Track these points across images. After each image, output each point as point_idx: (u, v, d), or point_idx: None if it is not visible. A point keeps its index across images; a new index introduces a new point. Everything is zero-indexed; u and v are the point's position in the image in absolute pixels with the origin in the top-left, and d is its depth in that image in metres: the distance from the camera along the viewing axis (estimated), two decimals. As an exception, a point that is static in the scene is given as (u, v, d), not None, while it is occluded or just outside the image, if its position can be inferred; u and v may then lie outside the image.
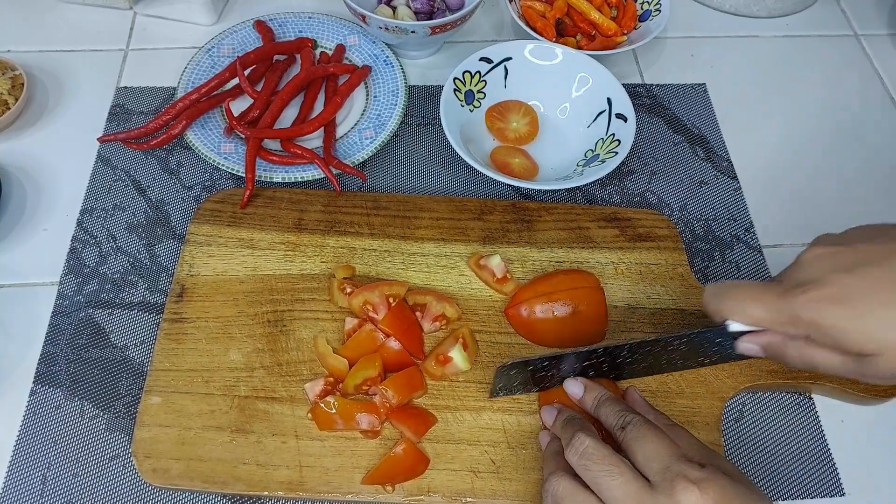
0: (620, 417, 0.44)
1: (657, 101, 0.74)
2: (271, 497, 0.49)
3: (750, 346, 0.44)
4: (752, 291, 0.42)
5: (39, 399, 0.54)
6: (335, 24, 0.76)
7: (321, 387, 0.52)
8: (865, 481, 0.53)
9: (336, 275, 0.57)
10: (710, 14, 0.84)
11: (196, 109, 0.66)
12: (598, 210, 0.64)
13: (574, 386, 0.50)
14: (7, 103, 0.67)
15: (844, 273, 0.39)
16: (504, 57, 0.70)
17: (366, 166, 0.68)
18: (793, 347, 0.42)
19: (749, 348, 0.44)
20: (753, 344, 0.44)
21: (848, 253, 0.40)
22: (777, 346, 0.43)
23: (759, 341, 0.44)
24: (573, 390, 0.50)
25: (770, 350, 0.43)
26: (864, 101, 0.76)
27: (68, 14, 0.79)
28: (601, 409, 0.47)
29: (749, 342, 0.44)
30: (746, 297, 0.42)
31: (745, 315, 0.43)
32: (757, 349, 0.44)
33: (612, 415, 0.45)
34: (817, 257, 0.41)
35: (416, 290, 0.57)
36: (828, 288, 0.39)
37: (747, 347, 0.44)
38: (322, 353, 0.54)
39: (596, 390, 0.49)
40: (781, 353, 0.43)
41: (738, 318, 0.43)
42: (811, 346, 0.41)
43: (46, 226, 0.63)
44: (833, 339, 0.39)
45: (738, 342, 0.45)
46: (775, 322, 0.41)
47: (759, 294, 0.42)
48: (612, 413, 0.45)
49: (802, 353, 0.41)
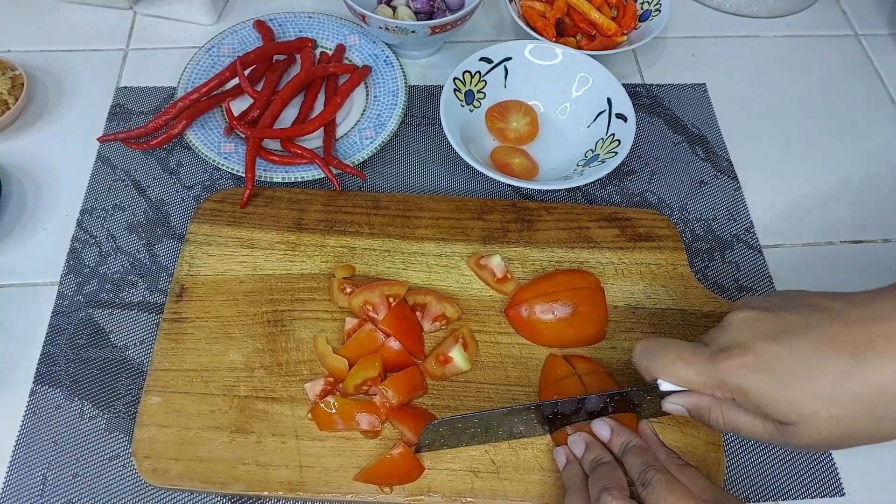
0: (643, 472, 0.43)
1: (657, 101, 0.74)
2: (271, 497, 0.49)
3: (676, 407, 0.45)
4: (681, 353, 0.43)
5: (39, 399, 0.54)
6: (335, 24, 0.76)
7: (321, 387, 0.52)
8: (865, 481, 0.53)
9: (336, 274, 0.57)
10: (710, 14, 0.84)
11: (196, 109, 0.66)
12: (599, 210, 0.64)
13: (602, 428, 0.48)
14: (7, 103, 0.67)
15: (768, 341, 0.40)
16: (504, 57, 0.70)
17: (366, 166, 0.68)
18: (718, 411, 0.43)
19: (675, 409, 0.45)
20: (679, 405, 0.45)
21: (772, 320, 0.41)
22: (703, 408, 0.43)
23: (685, 403, 0.44)
24: (601, 432, 0.48)
25: (695, 412, 0.44)
26: (864, 101, 0.76)
27: (68, 14, 0.79)
28: (626, 457, 0.46)
29: (675, 403, 0.45)
30: (676, 358, 0.43)
31: (675, 376, 0.44)
32: (683, 410, 0.45)
33: (635, 467, 0.44)
34: (743, 321, 0.42)
35: (416, 290, 0.57)
36: (752, 355, 0.40)
37: (673, 408, 0.45)
38: (322, 352, 0.54)
39: (624, 435, 0.47)
40: (706, 416, 0.43)
41: (668, 379, 0.44)
42: (735, 410, 0.42)
43: (46, 226, 0.63)
44: (756, 406, 0.40)
45: (664, 402, 0.45)
46: (703, 385, 0.43)
47: (688, 356, 0.43)
48: (635, 465, 0.44)
49: (727, 418, 0.42)
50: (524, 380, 0.54)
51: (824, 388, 0.38)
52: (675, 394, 0.45)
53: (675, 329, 0.57)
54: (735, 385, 0.41)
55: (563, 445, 0.49)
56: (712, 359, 0.42)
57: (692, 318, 0.57)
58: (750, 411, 0.41)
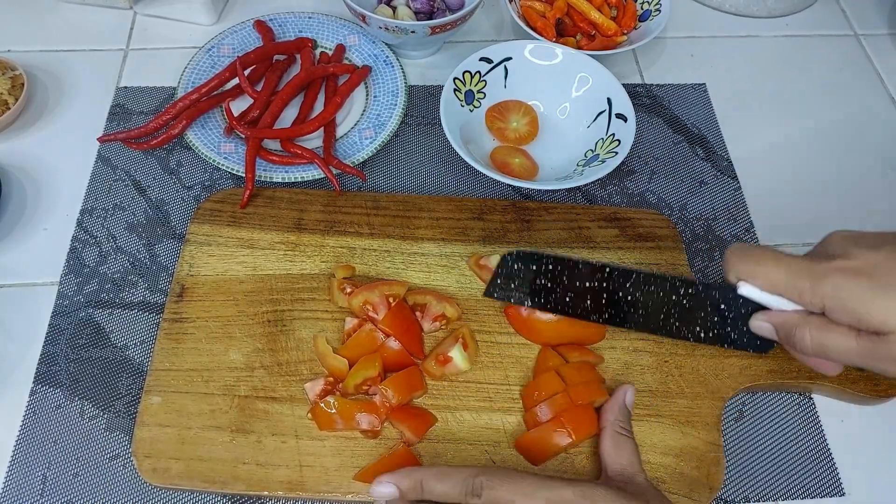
0: (466, 486, 0.41)
1: (657, 101, 0.74)
2: (271, 497, 0.49)
3: (763, 324, 0.43)
4: (776, 255, 0.41)
5: (39, 399, 0.54)
6: (335, 24, 0.76)
7: (321, 387, 0.52)
8: (865, 481, 0.53)
9: (336, 274, 0.57)
10: (710, 14, 0.84)
11: (196, 109, 0.66)
12: (598, 210, 0.64)
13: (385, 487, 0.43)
14: (7, 103, 0.67)
15: (870, 250, 0.39)
16: (504, 57, 0.70)
17: (366, 166, 0.68)
18: (806, 328, 0.41)
19: (762, 326, 0.43)
20: (766, 322, 0.43)
21: (873, 236, 0.41)
22: (791, 325, 0.41)
23: (773, 320, 0.42)
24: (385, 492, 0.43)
25: (783, 330, 0.42)
26: (864, 101, 0.76)
27: (68, 14, 0.79)
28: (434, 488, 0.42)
29: (762, 320, 0.43)
30: (769, 259, 0.41)
31: (764, 276, 0.41)
32: (769, 328, 0.43)
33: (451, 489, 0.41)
34: (844, 237, 0.41)
35: (416, 290, 0.57)
36: (853, 261, 0.39)
37: (760, 325, 0.43)
38: (322, 352, 0.54)
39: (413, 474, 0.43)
40: (793, 335, 0.41)
41: (755, 280, 0.42)
42: (825, 326, 0.40)
43: (46, 226, 0.63)
44: (852, 314, 0.39)
45: (752, 319, 0.43)
46: (793, 289, 0.40)
47: (783, 259, 0.41)
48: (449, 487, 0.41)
49: (815, 335, 0.40)
50: (524, 380, 0.54)
51: None
52: (762, 312, 0.43)
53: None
54: (831, 289, 0.39)
55: None
56: (808, 262, 0.40)
57: (692, 318, 0.57)
58: (841, 326, 0.39)
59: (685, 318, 0.48)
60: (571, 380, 0.51)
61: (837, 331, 0.40)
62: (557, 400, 0.50)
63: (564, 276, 0.48)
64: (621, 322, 0.50)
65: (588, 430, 0.50)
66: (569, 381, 0.51)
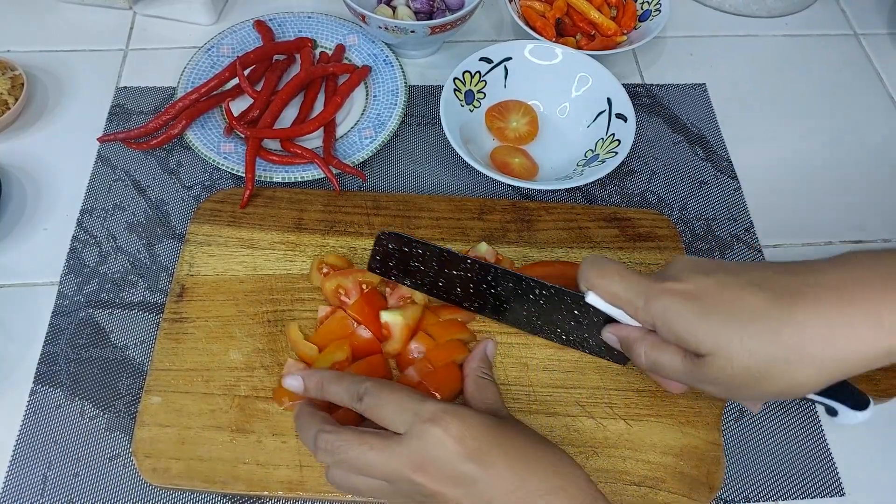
0: (353, 390, 0.44)
1: (657, 100, 0.74)
2: (271, 497, 0.49)
3: (610, 336, 0.46)
4: (621, 270, 0.44)
5: (39, 399, 0.54)
6: (335, 24, 0.76)
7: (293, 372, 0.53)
8: (865, 481, 0.53)
9: (325, 259, 0.58)
10: (710, 14, 0.84)
11: (196, 109, 0.66)
12: (598, 210, 0.64)
13: (293, 380, 0.47)
14: (7, 103, 0.67)
15: (702, 275, 0.41)
16: (504, 57, 0.70)
17: (366, 166, 0.68)
18: (643, 345, 0.43)
19: (609, 337, 0.46)
20: (612, 335, 0.46)
21: (712, 263, 0.43)
22: (631, 340, 0.44)
23: (617, 333, 0.45)
24: (293, 384, 0.47)
25: (625, 343, 0.45)
26: (863, 101, 0.76)
27: (68, 14, 0.79)
28: (329, 389, 0.46)
29: (610, 332, 0.46)
30: (614, 272, 0.44)
31: (606, 289, 0.44)
32: (614, 339, 0.46)
33: (343, 392, 0.45)
34: (685, 262, 0.43)
35: None
36: (684, 284, 0.41)
37: (608, 336, 0.46)
38: (294, 339, 0.54)
39: (316, 374, 0.47)
40: (631, 348, 0.44)
41: (599, 291, 0.44)
42: (658, 344, 0.43)
43: (46, 226, 0.63)
44: (676, 334, 0.41)
45: (603, 330, 0.46)
46: (629, 303, 0.43)
47: (627, 275, 0.44)
48: (342, 390, 0.45)
49: (649, 353, 0.43)
50: (524, 379, 0.54)
51: (743, 320, 0.38)
52: (611, 324, 0.46)
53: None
54: (660, 309, 0.41)
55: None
56: (646, 282, 0.43)
57: (692, 318, 0.57)
58: (671, 345, 0.42)
59: (546, 319, 0.51)
60: (440, 337, 0.53)
61: (668, 350, 0.42)
62: (419, 365, 0.52)
63: (434, 262, 0.51)
64: (493, 314, 0.54)
65: (451, 389, 0.51)
66: (437, 338, 0.53)
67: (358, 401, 0.43)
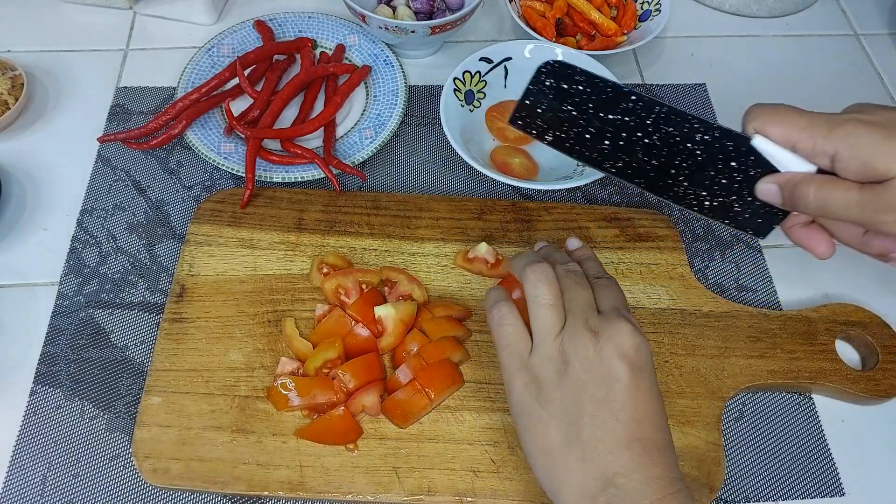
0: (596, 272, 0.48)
1: (657, 101, 0.74)
2: (271, 497, 0.49)
3: (768, 186, 0.44)
4: (796, 108, 0.44)
5: (39, 399, 0.54)
6: (335, 24, 0.76)
7: (287, 370, 0.53)
8: (865, 481, 0.53)
9: (325, 258, 0.58)
10: (710, 14, 0.84)
11: (196, 109, 0.66)
12: (598, 210, 0.64)
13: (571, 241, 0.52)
14: (7, 103, 0.67)
15: (886, 110, 0.42)
16: (504, 57, 0.70)
17: (366, 166, 0.68)
18: (811, 184, 0.42)
19: (767, 188, 0.44)
20: (772, 183, 0.44)
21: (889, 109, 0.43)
22: (795, 182, 0.43)
23: (778, 179, 0.44)
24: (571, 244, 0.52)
25: (787, 188, 0.43)
26: (863, 101, 0.76)
27: (68, 14, 0.79)
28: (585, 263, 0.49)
29: (768, 181, 0.44)
30: (792, 109, 0.44)
31: (785, 122, 0.43)
32: (775, 188, 0.44)
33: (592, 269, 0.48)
34: (863, 104, 0.44)
35: (390, 267, 0.58)
36: (870, 115, 0.42)
37: (765, 188, 0.44)
38: (289, 335, 0.54)
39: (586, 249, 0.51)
40: (797, 192, 0.43)
41: (774, 128, 0.43)
42: (829, 182, 0.42)
43: (46, 226, 0.63)
44: (860, 159, 0.40)
45: (757, 185, 0.44)
46: (810, 136, 0.42)
47: (803, 111, 0.43)
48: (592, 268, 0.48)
49: (818, 191, 0.42)
50: (524, 380, 0.54)
51: None
52: (769, 174, 0.44)
53: (675, 329, 0.57)
54: (844, 134, 0.41)
55: None
56: (826, 115, 0.43)
57: (692, 318, 0.58)
58: (845, 181, 0.41)
59: (694, 178, 0.47)
60: (433, 334, 0.53)
61: (841, 185, 0.42)
62: (412, 361, 0.52)
63: (590, 103, 0.48)
64: (636, 176, 0.48)
65: (445, 385, 0.51)
66: (431, 335, 0.53)
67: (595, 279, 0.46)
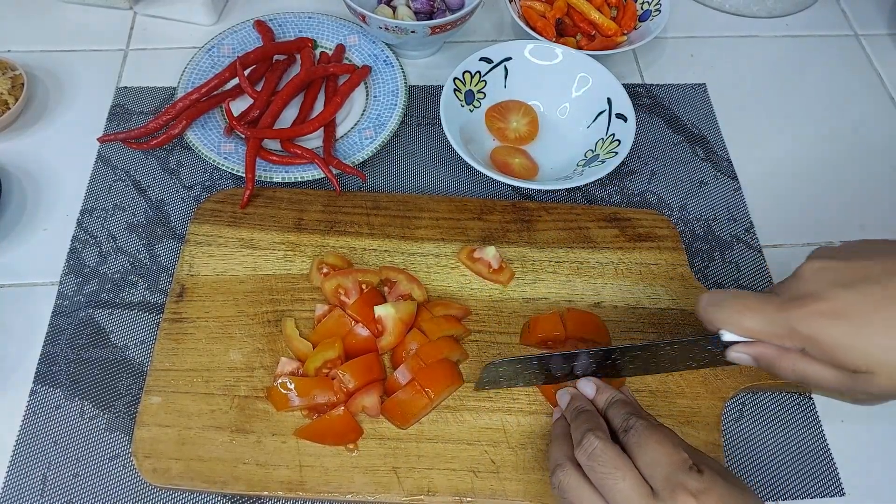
0: (624, 420, 0.44)
1: (657, 101, 0.74)
2: (271, 497, 0.49)
3: (741, 356, 0.44)
4: (748, 302, 0.42)
5: (39, 399, 0.54)
6: (335, 24, 0.76)
7: (287, 370, 0.53)
8: (865, 481, 0.53)
9: (325, 258, 0.58)
10: (710, 14, 0.84)
11: (196, 109, 0.66)
12: (598, 210, 0.64)
13: (587, 386, 0.49)
14: (7, 103, 0.67)
15: (843, 288, 0.39)
16: (504, 57, 0.70)
17: (366, 166, 0.68)
18: (785, 360, 0.42)
19: (740, 357, 0.44)
20: (745, 354, 0.44)
21: (846, 269, 0.40)
22: (769, 357, 0.42)
23: (751, 352, 0.43)
24: (586, 390, 0.49)
25: (762, 361, 0.43)
26: (864, 101, 0.76)
27: (68, 14, 0.79)
28: (610, 409, 0.46)
29: (740, 352, 0.44)
30: (743, 307, 0.42)
31: (741, 326, 0.43)
32: (748, 359, 0.44)
33: (618, 417, 0.45)
34: (816, 271, 0.41)
35: (390, 267, 0.58)
36: (827, 302, 0.39)
37: (738, 357, 0.44)
38: (289, 335, 0.54)
39: (608, 392, 0.48)
40: (773, 365, 0.42)
41: (733, 329, 0.43)
42: (805, 359, 0.41)
43: (46, 226, 0.63)
44: (829, 355, 0.39)
45: (728, 351, 0.44)
46: (771, 335, 0.41)
47: (757, 305, 0.42)
48: (618, 415, 0.45)
49: (795, 367, 0.41)
50: (524, 380, 0.54)
51: None
52: (740, 343, 0.44)
53: (675, 329, 0.57)
54: (807, 334, 0.39)
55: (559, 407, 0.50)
56: (782, 307, 0.41)
57: (692, 318, 0.57)
58: (820, 361, 0.40)
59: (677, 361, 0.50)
60: (432, 334, 0.53)
61: (816, 364, 0.41)
62: (410, 362, 0.52)
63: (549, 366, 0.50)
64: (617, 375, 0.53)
65: (443, 385, 0.51)
66: (430, 335, 0.53)
67: (624, 431, 0.43)
